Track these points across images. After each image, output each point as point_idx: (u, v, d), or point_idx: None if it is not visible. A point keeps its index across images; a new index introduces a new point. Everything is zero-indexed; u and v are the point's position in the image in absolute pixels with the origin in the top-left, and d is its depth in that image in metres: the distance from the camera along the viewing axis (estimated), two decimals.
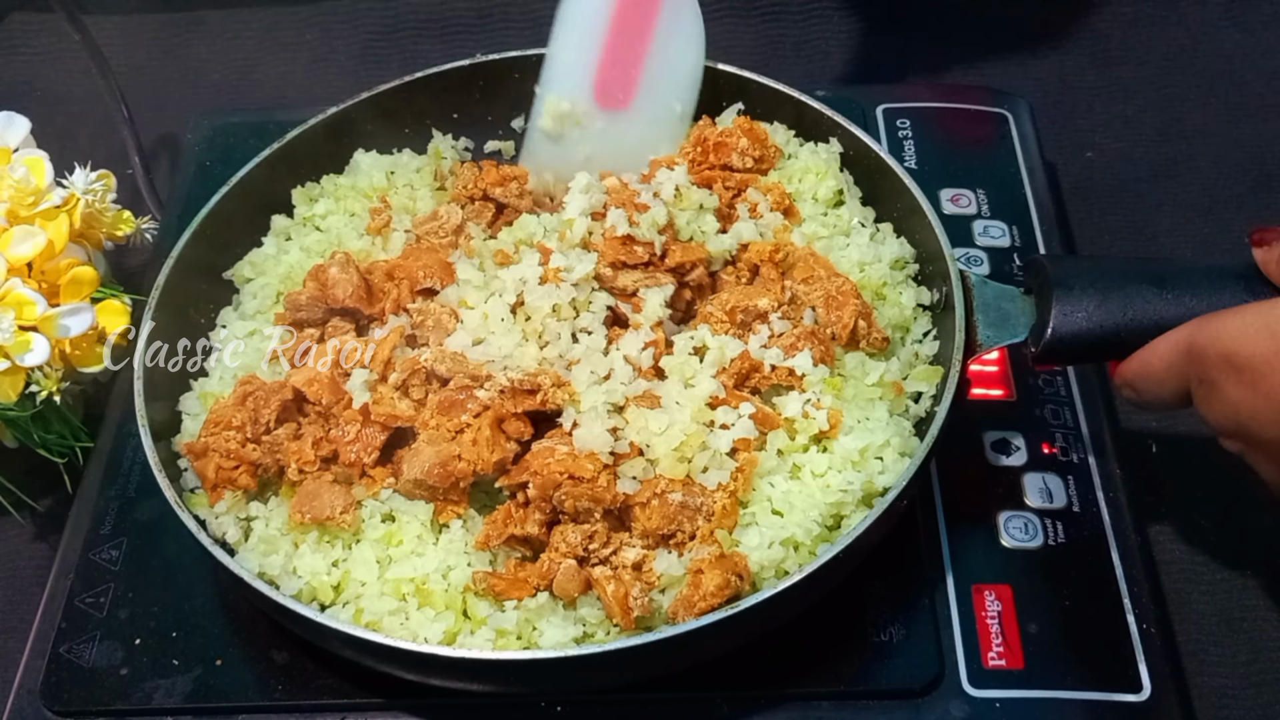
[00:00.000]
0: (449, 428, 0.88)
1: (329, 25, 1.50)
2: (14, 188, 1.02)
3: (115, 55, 1.34)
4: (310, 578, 0.86)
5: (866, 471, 0.87)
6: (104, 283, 1.06)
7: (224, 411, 0.91)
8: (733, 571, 0.82)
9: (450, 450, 0.86)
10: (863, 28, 1.47)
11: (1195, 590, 1.01)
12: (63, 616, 0.95)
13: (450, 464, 0.86)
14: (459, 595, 0.85)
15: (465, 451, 0.86)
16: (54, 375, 0.99)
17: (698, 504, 0.85)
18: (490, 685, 0.87)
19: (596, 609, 0.84)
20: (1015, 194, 1.20)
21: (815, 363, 0.91)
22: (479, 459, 0.86)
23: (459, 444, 0.87)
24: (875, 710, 0.89)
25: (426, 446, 0.87)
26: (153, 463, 0.88)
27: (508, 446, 0.87)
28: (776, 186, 1.03)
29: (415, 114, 1.15)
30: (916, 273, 1.01)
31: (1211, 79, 1.40)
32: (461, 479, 0.87)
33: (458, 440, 0.87)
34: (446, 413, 0.88)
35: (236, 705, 0.91)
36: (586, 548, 0.84)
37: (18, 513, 1.08)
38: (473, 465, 0.86)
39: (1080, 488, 0.99)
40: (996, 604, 0.93)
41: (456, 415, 0.88)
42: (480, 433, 0.87)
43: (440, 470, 0.86)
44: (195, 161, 1.27)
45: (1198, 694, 0.96)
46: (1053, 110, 1.36)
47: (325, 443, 0.90)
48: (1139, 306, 0.86)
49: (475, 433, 0.87)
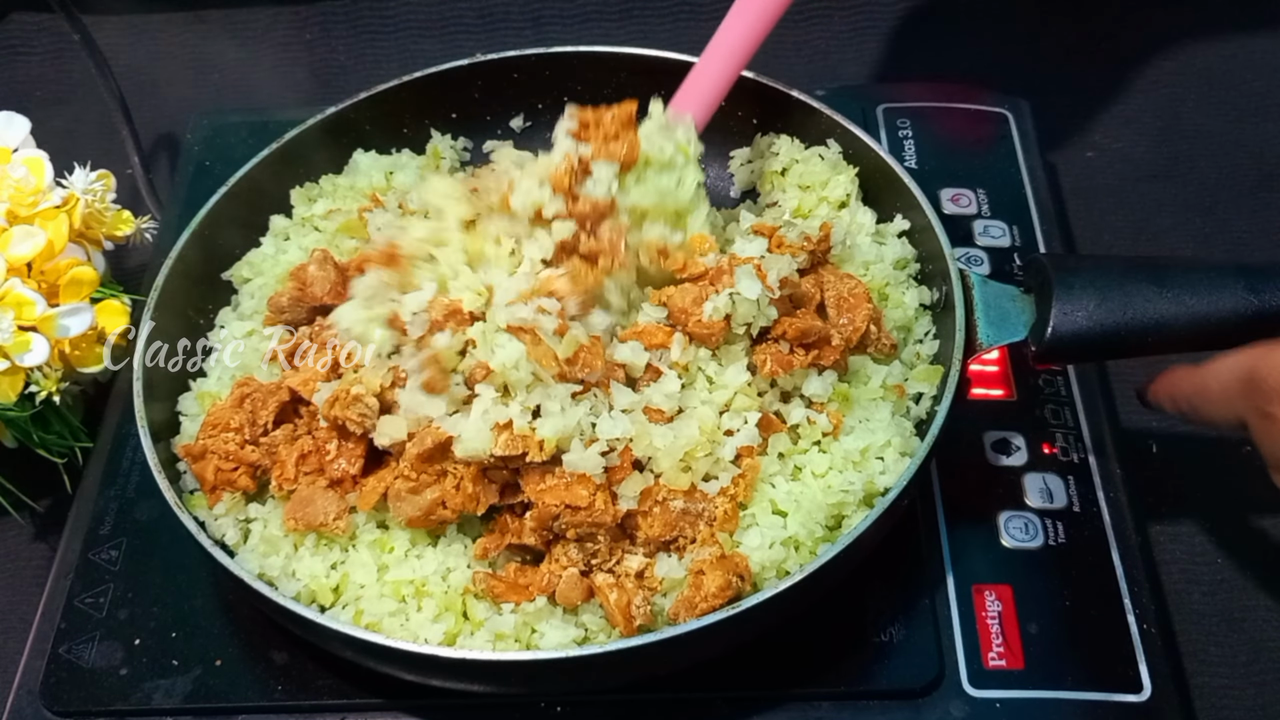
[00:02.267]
0: (430, 473, 0.85)
1: (329, 25, 1.50)
2: (14, 188, 1.02)
3: (115, 55, 1.34)
4: (309, 580, 0.86)
5: (867, 472, 0.87)
6: (104, 283, 1.06)
7: (221, 413, 0.91)
8: (734, 572, 0.82)
9: (433, 497, 0.85)
10: (863, 28, 1.47)
11: (1195, 590, 1.01)
12: (62, 617, 0.95)
13: (435, 512, 0.85)
14: (459, 597, 0.85)
15: (449, 499, 0.85)
16: (54, 375, 0.99)
17: (699, 510, 0.85)
18: (491, 686, 0.87)
19: (597, 614, 0.84)
20: (1015, 194, 1.20)
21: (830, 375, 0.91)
22: (464, 506, 0.85)
23: (442, 488, 0.85)
24: (875, 710, 0.89)
25: (409, 496, 0.85)
26: (152, 464, 0.88)
27: (493, 490, 0.86)
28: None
29: (414, 114, 1.15)
30: (917, 272, 1.01)
31: (1211, 79, 1.40)
32: (449, 521, 0.86)
33: (440, 484, 0.85)
34: (427, 461, 0.85)
35: (236, 705, 0.91)
36: (589, 561, 0.84)
37: (17, 513, 1.08)
38: (456, 512, 0.85)
39: (1081, 488, 0.99)
40: (997, 604, 0.93)
41: (437, 461, 0.86)
42: (464, 483, 0.85)
43: (423, 520, 0.85)
44: (195, 161, 1.27)
45: (1198, 694, 0.96)
46: (1053, 110, 1.36)
47: (314, 455, 0.89)
48: (1139, 306, 0.86)
49: (458, 480, 0.85)
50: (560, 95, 1.14)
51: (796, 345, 0.90)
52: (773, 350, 0.89)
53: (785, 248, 0.96)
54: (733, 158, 1.14)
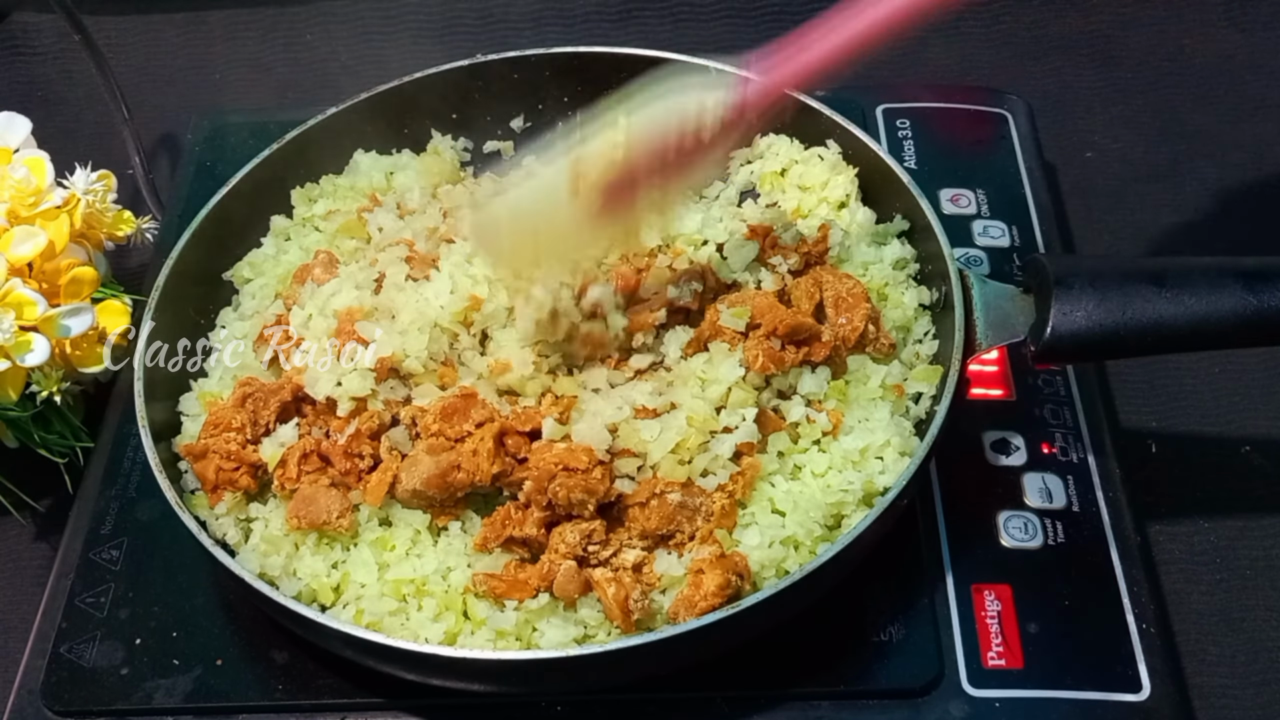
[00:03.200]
0: (449, 435, 0.87)
1: (329, 25, 1.50)
2: (15, 188, 1.02)
3: (115, 55, 1.34)
4: (310, 579, 0.86)
5: (867, 471, 0.87)
6: (104, 283, 1.06)
7: (223, 413, 0.91)
8: (733, 571, 0.82)
9: (449, 459, 0.86)
10: None
11: (1195, 590, 1.01)
12: (63, 616, 0.95)
13: (449, 474, 0.85)
14: (459, 596, 0.85)
15: (465, 461, 0.86)
16: (54, 375, 0.99)
17: (696, 504, 0.85)
18: (492, 685, 0.87)
19: (596, 610, 0.84)
20: (1015, 194, 1.20)
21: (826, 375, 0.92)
22: (478, 470, 0.85)
23: (459, 452, 0.86)
24: (875, 710, 0.89)
25: (425, 456, 0.86)
26: (153, 463, 0.88)
27: (507, 460, 0.86)
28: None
29: (415, 114, 1.15)
30: (916, 273, 1.01)
31: (1211, 79, 1.40)
32: (459, 490, 0.86)
33: (457, 449, 0.87)
34: (448, 419, 0.87)
35: (237, 705, 0.91)
36: (586, 548, 0.84)
37: (18, 513, 1.08)
38: (471, 476, 0.85)
39: (1080, 488, 0.99)
40: (996, 604, 0.93)
41: (459, 423, 0.87)
42: (482, 444, 0.86)
43: (439, 481, 0.85)
44: (195, 161, 1.27)
45: (1197, 694, 0.96)
46: (1053, 110, 1.36)
47: (315, 456, 0.89)
48: (1138, 306, 0.86)
49: (477, 443, 0.86)
50: (560, 95, 1.14)
51: (788, 342, 0.90)
52: (764, 346, 0.89)
53: (778, 249, 0.97)
54: (733, 158, 1.14)
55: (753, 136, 1.10)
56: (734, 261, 0.97)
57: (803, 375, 0.91)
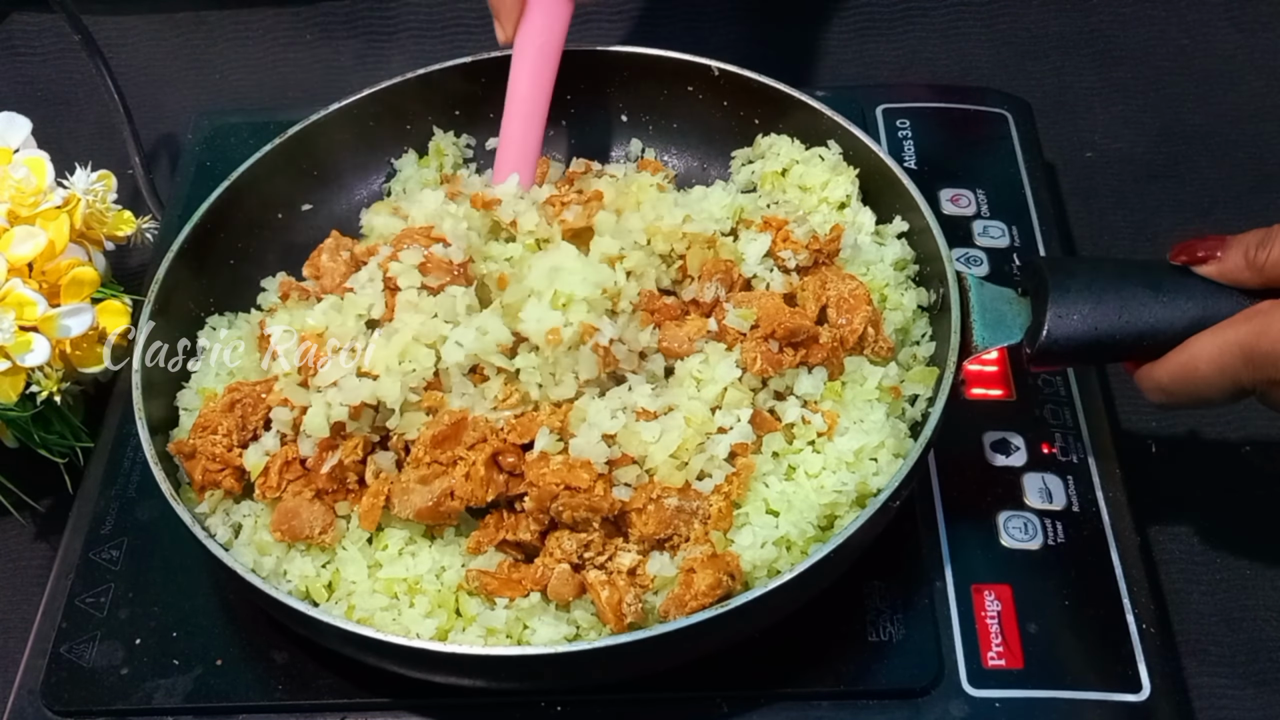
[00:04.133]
0: (441, 460, 0.86)
1: (329, 25, 1.50)
2: (15, 188, 1.02)
3: (116, 55, 1.34)
4: (299, 581, 0.86)
5: (861, 473, 0.87)
6: (104, 283, 1.06)
7: (211, 416, 0.91)
8: (725, 571, 0.82)
9: (442, 487, 0.85)
10: (863, 28, 1.47)
11: (1195, 590, 1.01)
12: (63, 616, 0.95)
13: (443, 504, 0.85)
14: (451, 593, 0.85)
15: (458, 487, 0.84)
16: (54, 375, 0.99)
17: (694, 508, 0.85)
18: (483, 681, 0.86)
19: (589, 611, 0.84)
20: (1015, 194, 1.20)
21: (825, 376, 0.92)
22: (472, 495, 0.84)
23: (452, 476, 0.85)
24: (875, 710, 0.89)
25: (418, 485, 0.85)
26: (152, 462, 0.88)
27: (501, 480, 0.86)
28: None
29: (417, 111, 1.15)
30: (916, 274, 1.01)
31: (1211, 79, 1.40)
32: (454, 517, 0.86)
33: (450, 472, 0.85)
34: (439, 446, 0.86)
35: (237, 705, 0.91)
36: (581, 555, 0.84)
37: (18, 513, 1.08)
38: (465, 502, 0.85)
39: (1080, 488, 0.99)
40: (996, 604, 0.93)
41: (450, 448, 0.86)
42: (475, 468, 0.85)
43: (432, 512, 0.85)
44: (195, 161, 1.27)
45: (1197, 694, 0.96)
46: (1053, 110, 1.36)
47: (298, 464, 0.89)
48: (1134, 310, 0.85)
49: (469, 467, 0.85)
50: (561, 94, 1.14)
51: (785, 344, 0.90)
52: (763, 349, 0.89)
53: (790, 243, 0.97)
54: (734, 158, 1.14)
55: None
56: (749, 254, 0.97)
57: (799, 376, 0.91)
